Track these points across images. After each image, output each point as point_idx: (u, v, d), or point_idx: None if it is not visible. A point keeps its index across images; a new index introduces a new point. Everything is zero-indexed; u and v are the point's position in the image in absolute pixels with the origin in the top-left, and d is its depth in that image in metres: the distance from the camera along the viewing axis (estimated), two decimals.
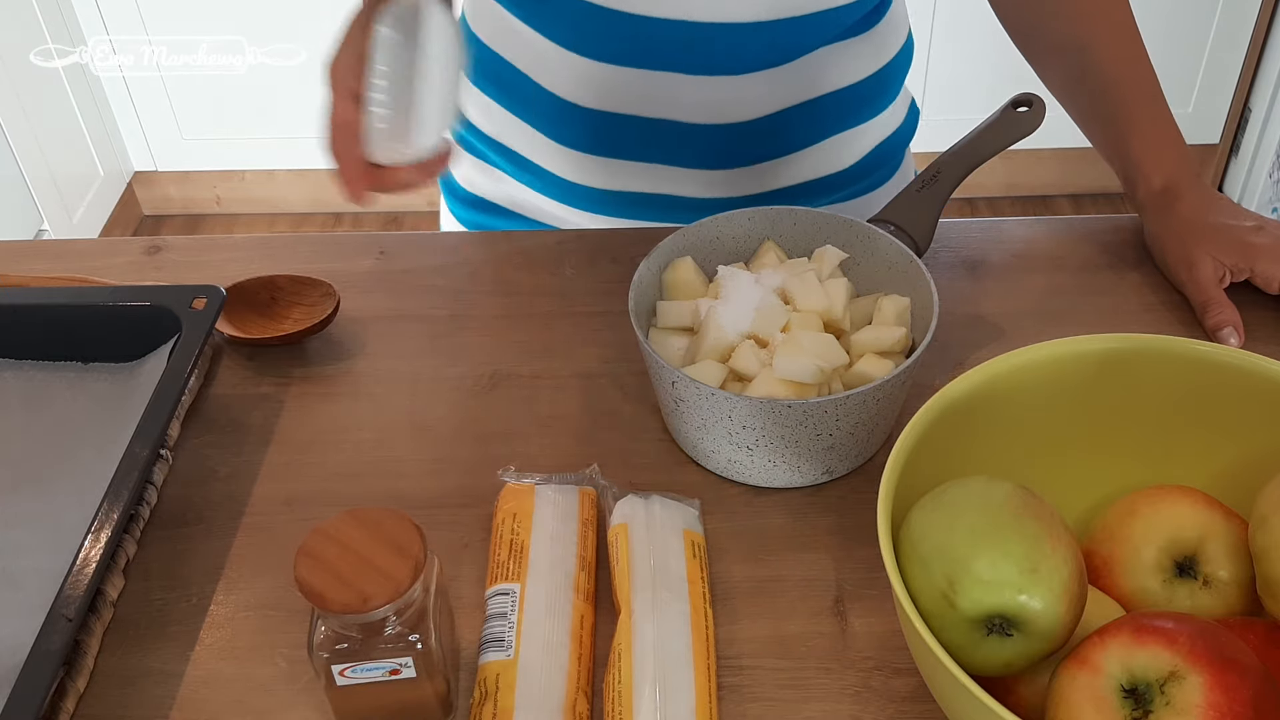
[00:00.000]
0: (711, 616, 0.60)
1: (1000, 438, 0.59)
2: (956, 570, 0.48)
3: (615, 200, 0.91)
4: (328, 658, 0.53)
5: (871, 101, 0.91)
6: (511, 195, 0.96)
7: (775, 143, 0.88)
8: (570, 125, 0.87)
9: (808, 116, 0.88)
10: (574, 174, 0.90)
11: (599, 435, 0.73)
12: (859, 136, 0.91)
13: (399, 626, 0.53)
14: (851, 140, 0.91)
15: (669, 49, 0.82)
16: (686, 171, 0.88)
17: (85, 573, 0.58)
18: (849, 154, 0.92)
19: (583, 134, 0.88)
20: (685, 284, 0.73)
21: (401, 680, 0.54)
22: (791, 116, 0.87)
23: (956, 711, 0.50)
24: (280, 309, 0.81)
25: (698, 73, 0.83)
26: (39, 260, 0.90)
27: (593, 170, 0.89)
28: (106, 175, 2.45)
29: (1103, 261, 0.86)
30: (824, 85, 0.87)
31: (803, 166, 0.90)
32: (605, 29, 0.82)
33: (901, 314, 0.70)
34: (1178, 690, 0.45)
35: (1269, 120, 2.27)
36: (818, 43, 0.84)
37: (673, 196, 0.90)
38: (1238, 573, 0.54)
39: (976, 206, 2.50)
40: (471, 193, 0.99)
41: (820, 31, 0.84)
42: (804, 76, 0.85)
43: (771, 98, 0.85)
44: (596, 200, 0.91)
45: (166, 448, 0.72)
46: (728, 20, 0.81)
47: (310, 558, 0.52)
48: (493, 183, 0.97)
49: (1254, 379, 0.57)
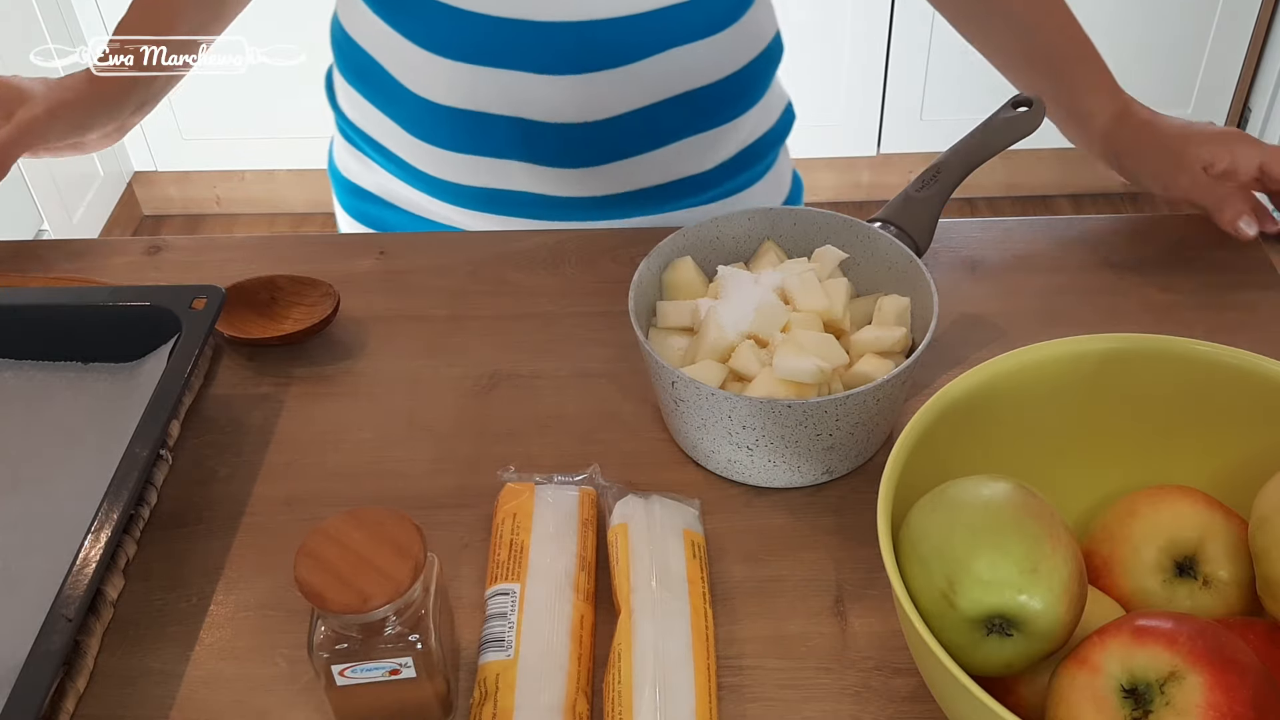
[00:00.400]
0: (711, 616, 0.60)
1: (1000, 438, 0.59)
2: (956, 570, 0.48)
3: (479, 196, 0.92)
4: (328, 658, 0.53)
5: (733, 101, 0.91)
6: (384, 186, 0.98)
7: (633, 141, 0.89)
8: (432, 123, 0.89)
9: (664, 115, 0.88)
10: (438, 170, 0.92)
11: (599, 435, 0.73)
12: (723, 136, 0.91)
13: (399, 626, 0.53)
14: (715, 140, 0.91)
15: (522, 49, 0.83)
16: (546, 170, 0.89)
17: (85, 573, 0.58)
18: (713, 154, 0.92)
19: (444, 132, 0.89)
20: (685, 284, 0.73)
21: (401, 680, 0.54)
22: (647, 115, 0.87)
23: (956, 712, 0.50)
24: (280, 309, 0.81)
25: (550, 72, 0.84)
26: (39, 260, 0.90)
27: (456, 167, 0.91)
28: (106, 175, 2.45)
29: (1103, 261, 0.86)
30: (680, 84, 0.87)
31: (666, 165, 0.91)
32: (461, 30, 0.84)
33: (901, 314, 0.70)
34: (1178, 690, 0.45)
35: (1269, 120, 2.27)
36: (669, 42, 0.85)
37: (534, 194, 0.91)
38: (1238, 573, 0.54)
39: (976, 206, 2.50)
40: (352, 181, 1.02)
41: (671, 31, 0.84)
42: (657, 75, 0.86)
43: (625, 96, 0.86)
44: (462, 196, 0.93)
45: (166, 448, 0.72)
46: (577, 19, 0.82)
47: (310, 558, 0.52)
48: (368, 173, 0.99)
49: (1254, 379, 0.57)
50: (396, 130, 0.92)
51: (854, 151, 2.43)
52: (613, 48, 0.84)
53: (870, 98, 2.34)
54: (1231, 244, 0.86)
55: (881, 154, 2.43)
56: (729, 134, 0.92)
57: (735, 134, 0.92)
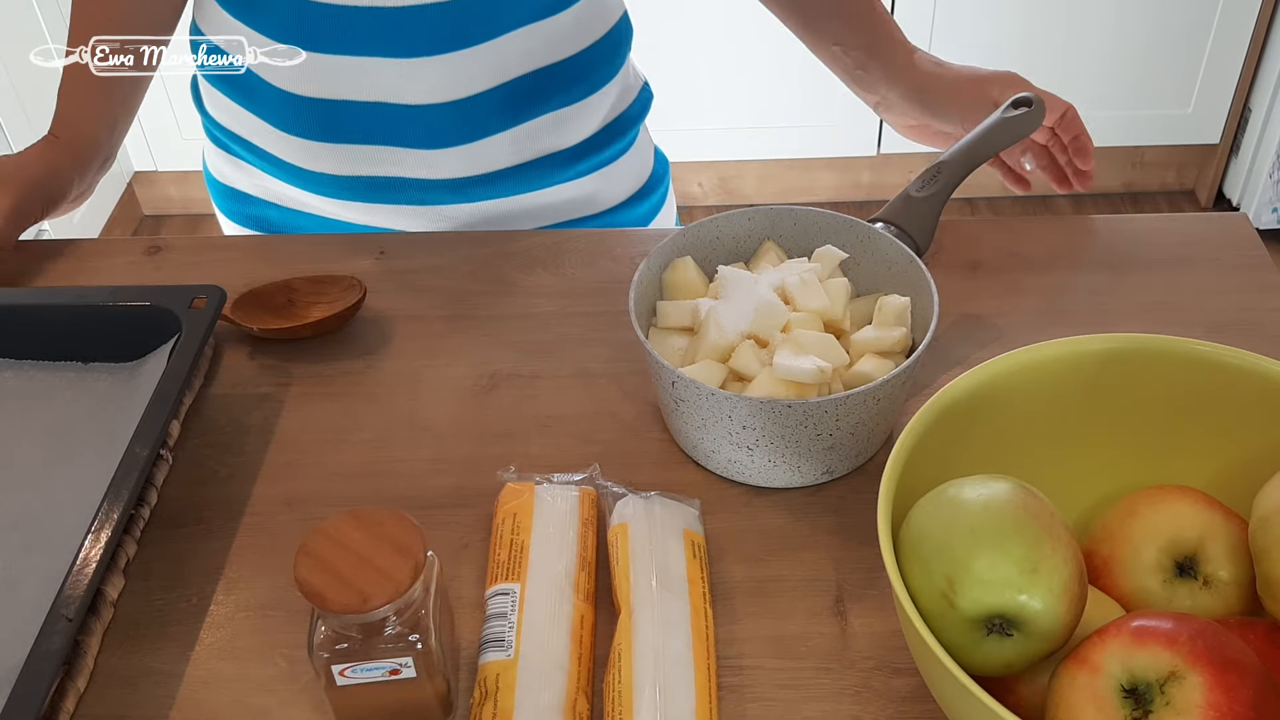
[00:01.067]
0: (711, 616, 0.60)
1: (1000, 438, 0.59)
2: (956, 570, 0.48)
3: (349, 185, 0.93)
4: (328, 658, 0.53)
5: (587, 77, 0.93)
6: (262, 185, 0.99)
7: (493, 119, 0.90)
8: (295, 115, 0.90)
9: (521, 92, 0.89)
10: (308, 162, 0.92)
11: (599, 435, 0.73)
12: (582, 112, 0.93)
13: (399, 626, 0.53)
14: (575, 116, 0.93)
15: (368, 34, 0.85)
16: (408, 152, 0.90)
17: (85, 573, 0.58)
18: (575, 130, 0.94)
19: (308, 123, 0.90)
20: (685, 284, 0.73)
21: (401, 680, 0.54)
22: (505, 93, 0.89)
23: (956, 712, 0.50)
24: (299, 310, 0.81)
25: (399, 55, 0.86)
26: (39, 260, 0.90)
27: (323, 156, 0.92)
28: (106, 175, 2.45)
29: (1103, 261, 0.86)
30: (534, 61, 0.89)
31: (529, 141, 0.92)
32: (314, 20, 0.85)
33: (901, 314, 0.70)
34: (1178, 690, 0.45)
35: (1269, 120, 2.27)
36: (512, 22, 0.87)
37: (401, 178, 0.92)
38: (1238, 573, 0.54)
39: (976, 206, 2.50)
40: (228, 185, 1.02)
41: (511, 11, 0.86)
42: (511, 53, 0.88)
43: (474, 77, 0.87)
44: (334, 186, 0.94)
45: (166, 448, 0.72)
46: (417, 3, 0.83)
47: (310, 558, 0.52)
48: (243, 175, 1.00)
49: (1254, 379, 0.57)
50: (264, 126, 0.92)
51: (854, 151, 2.43)
52: (466, 28, 0.85)
53: None
54: (1232, 244, 0.86)
55: (881, 154, 2.43)
56: (588, 110, 0.94)
57: (594, 111, 0.94)
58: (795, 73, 2.31)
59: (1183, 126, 2.35)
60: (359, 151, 0.91)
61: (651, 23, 2.23)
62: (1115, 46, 2.24)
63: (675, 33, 2.22)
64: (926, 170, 0.80)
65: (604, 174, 0.98)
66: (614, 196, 1.00)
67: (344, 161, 0.91)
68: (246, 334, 0.80)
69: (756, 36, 2.25)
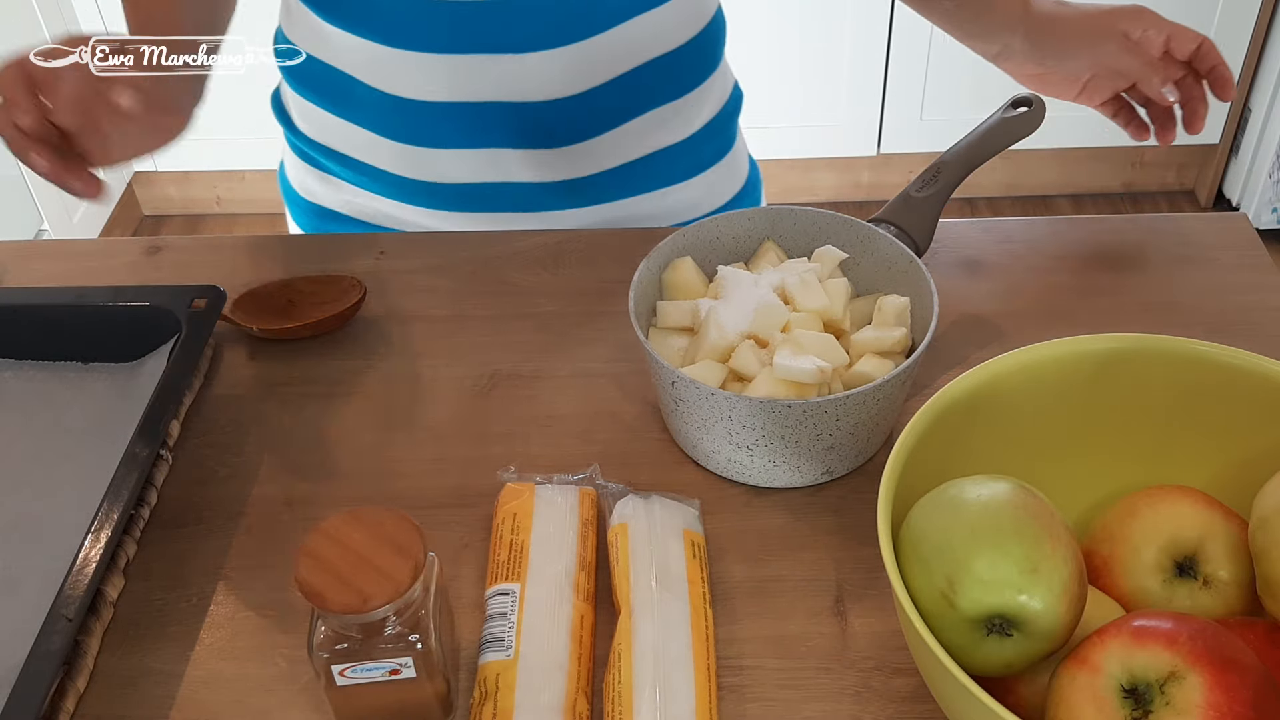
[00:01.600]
0: (711, 617, 0.60)
1: (1000, 438, 0.59)
2: (956, 570, 0.48)
3: (454, 193, 0.92)
4: (328, 658, 0.53)
5: (690, 72, 0.92)
6: (350, 200, 0.97)
7: (605, 116, 0.89)
8: (400, 119, 0.88)
9: (627, 87, 0.89)
10: (409, 169, 0.91)
11: (599, 435, 0.73)
12: (680, 110, 0.93)
13: (399, 626, 0.53)
14: (674, 114, 0.92)
15: (482, 31, 0.83)
16: (520, 153, 0.89)
17: (85, 573, 0.58)
18: (674, 130, 0.93)
19: (413, 127, 0.89)
20: (685, 284, 0.73)
21: (401, 680, 0.54)
22: (611, 88, 0.88)
23: (956, 712, 0.50)
24: (299, 310, 0.81)
25: (514, 51, 0.84)
26: (39, 260, 0.90)
27: (443, 165, 0.90)
28: (106, 175, 2.45)
29: (1103, 261, 0.86)
30: (639, 56, 0.88)
31: (630, 141, 0.92)
32: (418, 19, 0.83)
33: (901, 314, 0.70)
34: (1178, 690, 0.45)
35: (1269, 120, 2.27)
36: (626, 13, 0.86)
37: (510, 184, 0.91)
38: (1238, 573, 0.54)
39: (976, 206, 2.50)
40: (312, 201, 1.00)
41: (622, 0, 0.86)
42: (617, 47, 0.87)
43: (589, 70, 0.87)
44: (435, 194, 0.92)
45: (166, 448, 0.72)
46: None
47: (310, 558, 0.52)
48: (331, 190, 0.98)
49: (1254, 379, 0.57)
50: (362, 134, 0.91)
51: (854, 151, 2.43)
52: (584, 17, 0.84)
53: (870, 98, 2.34)
54: (1232, 244, 0.86)
55: (881, 154, 2.42)
56: (697, 102, 0.93)
57: (702, 104, 0.94)
58: (796, 73, 2.30)
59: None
60: (465, 156, 0.89)
61: None
62: None
63: None
64: (926, 170, 0.80)
65: (706, 178, 0.97)
66: (716, 200, 0.99)
67: (451, 167, 0.90)
68: (246, 334, 0.80)
69: (757, 37, 2.25)
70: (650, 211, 0.95)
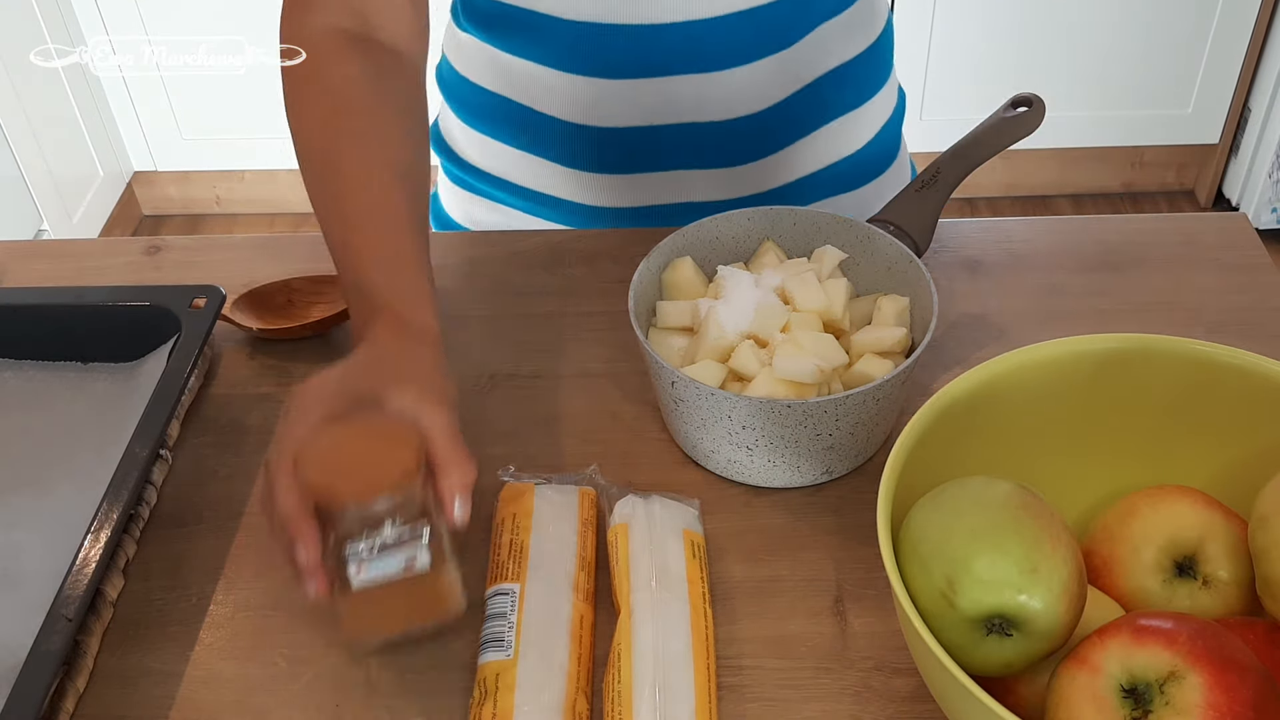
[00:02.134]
0: (711, 616, 0.60)
1: (1000, 438, 0.59)
2: (956, 570, 0.48)
3: (631, 217, 0.90)
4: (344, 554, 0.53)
5: (868, 79, 0.91)
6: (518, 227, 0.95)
7: (785, 131, 0.88)
8: (580, 146, 0.87)
9: (812, 98, 0.88)
10: (588, 196, 0.89)
11: (599, 435, 0.73)
12: (859, 119, 0.92)
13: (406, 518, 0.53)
14: (853, 123, 0.91)
15: (669, 52, 0.82)
16: (702, 174, 0.88)
17: (85, 573, 0.58)
18: (852, 140, 0.92)
19: (594, 153, 0.87)
20: (685, 284, 0.73)
21: (415, 576, 0.54)
22: (797, 100, 0.87)
23: (956, 712, 0.50)
24: (298, 310, 0.81)
25: (702, 70, 0.83)
26: (39, 260, 0.90)
27: (608, 190, 0.89)
28: (106, 175, 2.45)
29: (1101, 262, 0.86)
30: (823, 65, 0.87)
31: (811, 154, 0.90)
32: (601, 45, 0.82)
33: (901, 314, 0.70)
34: (1177, 690, 0.45)
35: (1269, 120, 2.27)
36: (815, 20, 0.85)
37: (689, 204, 0.89)
38: (1237, 573, 0.54)
39: (976, 206, 2.50)
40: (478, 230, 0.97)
41: (807, 12, 0.84)
42: (805, 57, 0.86)
43: (778, 83, 0.85)
44: (613, 219, 0.91)
45: (166, 448, 0.72)
46: (725, 12, 0.81)
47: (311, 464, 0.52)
48: (499, 217, 0.96)
49: (1254, 379, 0.56)
50: (536, 163, 0.88)
51: None
52: (766, 34, 0.83)
53: None
54: (1232, 244, 0.86)
55: None
56: (864, 116, 0.92)
57: (869, 117, 0.93)
58: None
59: (1182, 126, 2.35)
60: (647, 180, 0.87)
61: None
62: (1115, 46, 2.24)
63: None
64: (926, 170, 0.80)
65: (876, 185, 0.96)
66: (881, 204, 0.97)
67: (629, 192, 0.88)
68: (246, 334, 0.80)
69: None
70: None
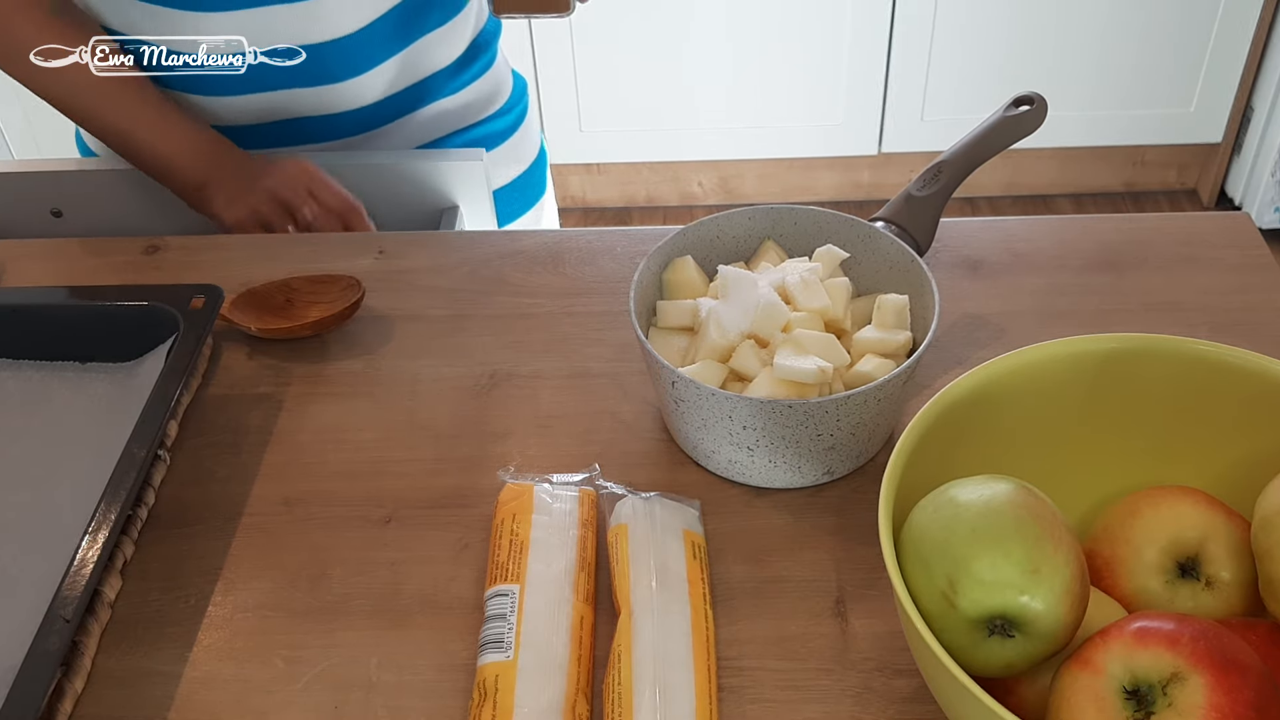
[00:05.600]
0: (711, 617, 0.60)
1: (1000, 438, 0.59)
2: (957, 571, 0.48)
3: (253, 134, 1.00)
4: None
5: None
6: None
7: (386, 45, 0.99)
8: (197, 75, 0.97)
9: (405, 14, 0.98)
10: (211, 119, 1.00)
11: (599, 435, 0.73)
12: (451, 34, 1.04)
13: None
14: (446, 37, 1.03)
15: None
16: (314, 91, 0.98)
17: (83, 573, 0.58)
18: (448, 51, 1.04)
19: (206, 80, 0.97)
20: (685, 284, 0.73)
21: None
22: (391, 18, 0.97)
23: (957, 713, 0.49)
24: (297, 310, 0.81)
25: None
26: (38, 260, 0.90)
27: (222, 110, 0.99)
28: None
29: (1103, 261, 0.86)
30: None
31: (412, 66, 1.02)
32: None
33: (901, 314, 0.70)
34: (1180, 691, 0.45)
35: (1271, 119, 2.27)
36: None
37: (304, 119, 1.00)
38: (1240, 573, 0.54)
39: (977, 206, 2.50)
40: None
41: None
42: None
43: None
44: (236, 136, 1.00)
45: (164, 448, 0.72)
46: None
47: None
48: None
49: (1257, 379, 0.56)
50: None
51: (854, 151, 2.43)
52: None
53: (870, 98, 2.34)
54: (1234, 243, 0.86)
55: (882, 153, 2.42)
56: (458, 29, 1.03)
57: (462, 29, 1.04)
58: (796, 72, 2.30)
59: (1184, 125, 2.35)
60: (263, 100, 0.97)
61: (652, 24, 2.23)
62: (1116, 45, 2.24)
63: (676, 33, 2.22)
64: (927, 170, 0.80)
65: (475, 88, 1.08)
66: (482, 111, 1.10)
67: (246, 112, 0.98)
68: (245, 334, 0.80)
69: (757, 36, 2.25)
70: (421, 121, 1.05)
